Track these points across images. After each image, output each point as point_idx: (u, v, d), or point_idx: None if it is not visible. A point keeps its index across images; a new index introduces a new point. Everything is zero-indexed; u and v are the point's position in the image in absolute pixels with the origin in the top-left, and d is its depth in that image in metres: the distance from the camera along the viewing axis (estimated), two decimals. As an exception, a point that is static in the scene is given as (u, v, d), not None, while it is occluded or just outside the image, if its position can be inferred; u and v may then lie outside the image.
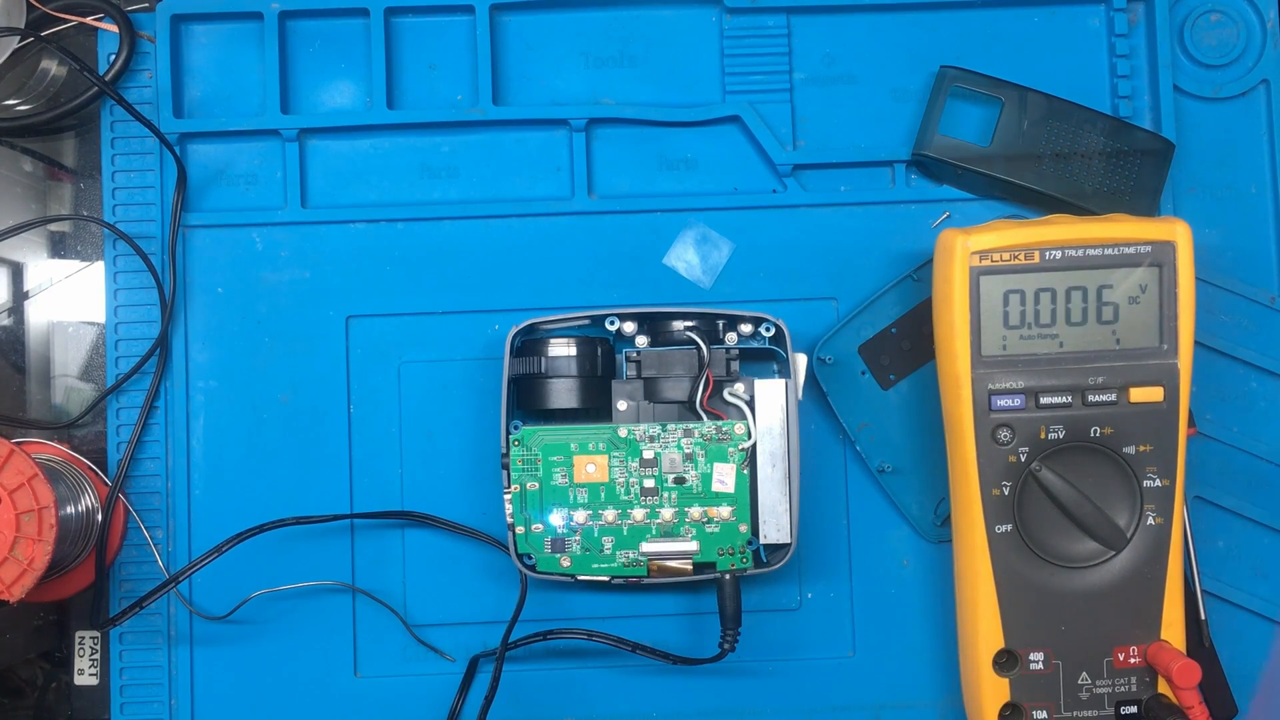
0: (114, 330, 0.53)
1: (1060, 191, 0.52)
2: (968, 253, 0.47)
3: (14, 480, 0.46)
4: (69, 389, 0.54)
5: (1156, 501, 0.48)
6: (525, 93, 0.54)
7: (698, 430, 0.49)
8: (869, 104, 0.54)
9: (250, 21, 0.53)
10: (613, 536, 0.49)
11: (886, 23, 0.54)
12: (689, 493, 0.49)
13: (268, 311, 0.53)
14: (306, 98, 0.54)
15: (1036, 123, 0.52)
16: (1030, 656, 0.48)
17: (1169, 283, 0.47)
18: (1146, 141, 0.52)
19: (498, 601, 0.52)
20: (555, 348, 0.49)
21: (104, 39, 0.54)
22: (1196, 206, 0.54)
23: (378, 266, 0.53)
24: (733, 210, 0.53)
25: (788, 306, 0.53)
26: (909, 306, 0.52)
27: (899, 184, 0.54)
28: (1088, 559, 0.48)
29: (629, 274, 0.53)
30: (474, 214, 0.53)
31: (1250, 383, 0.53)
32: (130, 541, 0.52)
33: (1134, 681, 0.48)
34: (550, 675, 0.52)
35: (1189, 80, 0.54)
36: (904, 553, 0.53)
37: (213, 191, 0.54)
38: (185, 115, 0.53)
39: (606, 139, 0.54)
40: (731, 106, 0.53)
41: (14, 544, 0.45)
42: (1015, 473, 0.48)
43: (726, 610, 0.48)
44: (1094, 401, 0.47)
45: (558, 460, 0.49)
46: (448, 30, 0.54)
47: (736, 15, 0.54)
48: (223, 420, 0.53)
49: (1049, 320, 0.47)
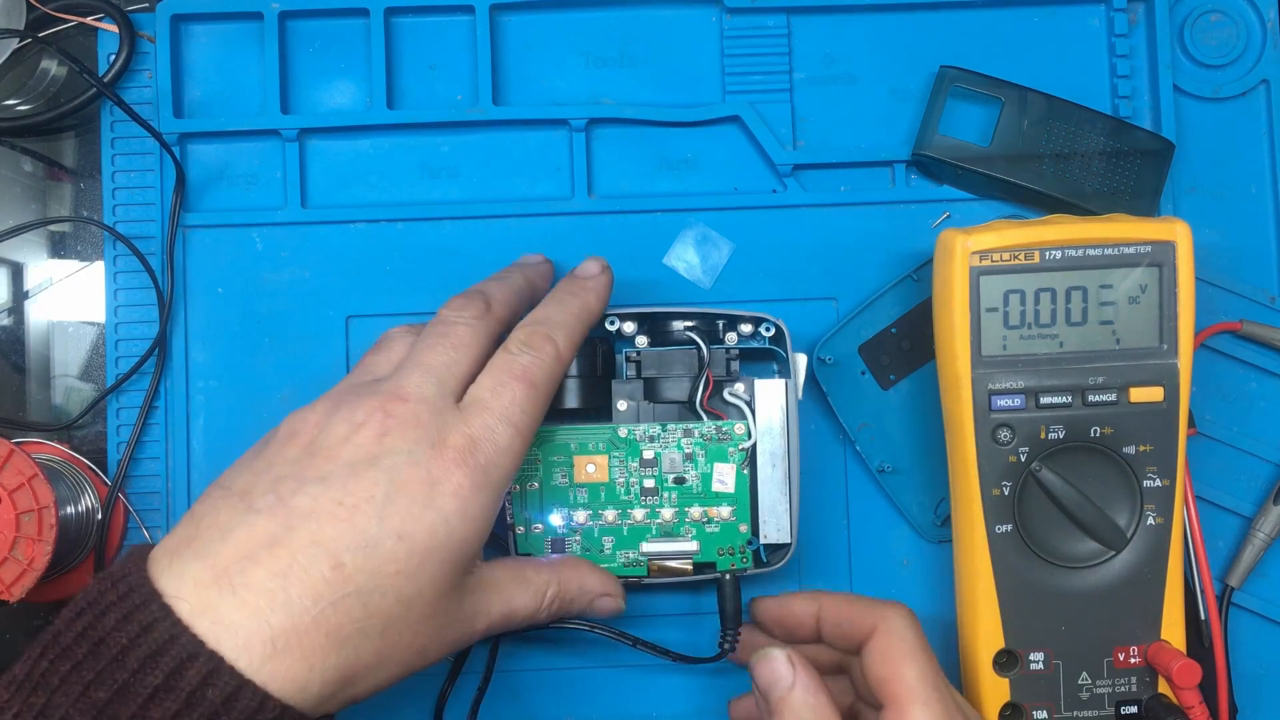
0: (114, 330, 0.53)
1: (1060, 191, 0.52)
2: (968, 253, 0.47)
3: (14, 480, 0.46)
4: (69, 389, 0.54)
5: (1156, 501, 0.48)
6: (525, 93, 0.54)
7: (698, 430, 0.49)
8: (869, 104, 0.54)
9: (250, 21, 0.53)
10: (613, 536, 0.49)
11: (886, 23, 0.54)
12: (689, 493, 0.49)
13: (268, 311, 0.53)
14: (306, 98, 0.54)
15: (1036, 123, 0.52)
16: (1030, 656, 0.48)
17: (1169, 283, 0.47)
18: (1146, 141, 0.52)
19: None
20: (555, 348, 0.49)
21: (104, 39, 0.54)
22: (1196, 206, 0.54)
23: (378, 266, 0.53)
24: (733, 210, 0.53)
25: (788, 306, 0.53)
26: (909, 306, 0.52)
27: (899, 184, 0.54)
28: (1088, 559, 0.48)
29: (629, 274, 0.53)
30: (474, 214, 0.53)
31: (1250, 383, 0.53)
32: (130, 541, 0.52)
33: (1134, 681, 0.48)
34: (550, 674, 0.52)
35: (1189, 80, 0.54)
36: (904, 553, 0.53)
37: (213, 191, 0.54)
38: (185, 115, 0.53)
39: (606, 139, 0.54)
40: (731, 106, 0.53)
41: (14, 544, 0.45)
42: (1015, 473, 0.48)
43: (726, 610, 0.48)
44: (1094, 401, 0.47)
45: (558, 460, 0.49)
46: (448, 30, 0.54)
47: (736, 15, 0.54)
48: (223, 420, 0.53)
49: (1049, 320, 0.47)
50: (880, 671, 0.42)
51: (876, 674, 0.43)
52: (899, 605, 0.44)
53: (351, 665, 0.37)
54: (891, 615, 0.44)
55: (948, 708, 0.41)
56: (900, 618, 0.43)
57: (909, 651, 0.42)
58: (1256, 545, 0.52)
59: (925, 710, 0.41)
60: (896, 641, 0.43)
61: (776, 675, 0.42)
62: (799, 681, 0.42)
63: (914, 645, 0.43)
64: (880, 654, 0.43)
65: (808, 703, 0.41)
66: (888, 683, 0.42)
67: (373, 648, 0.37)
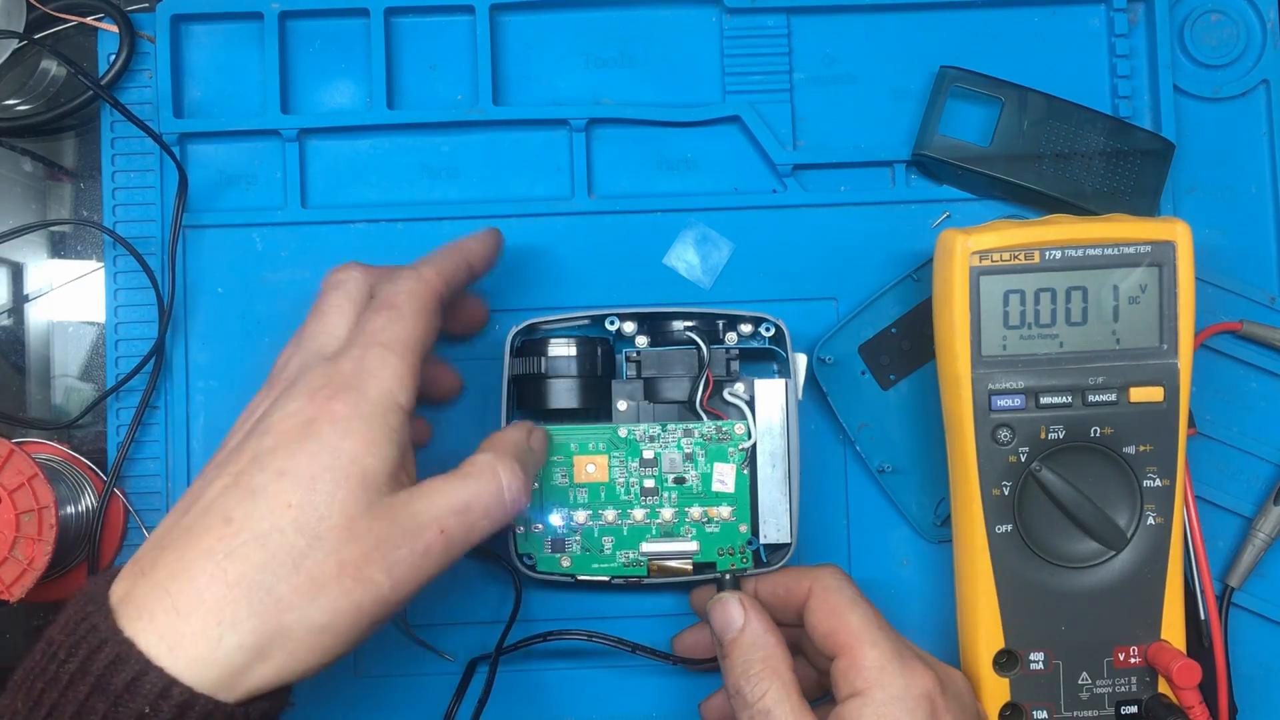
0: (114, 330, 0.53)
1: (1060, 191, 0.52)
2: (968, 253, 0.47)
3: (14, 480, 0.46)
4: (69, 389, 0.54)
5: (1156, 501, 0.48)
6: (525, 93, 0.54)
7: (698, 430, 0.49)
8: (869, 104, 0.54)
9: (250, 21, 0.53)
10: (613, 536, 0.49)
11: (886, 23, 0.54)
12: (689, 493, 0.49)
13: (268, 311, 0.53)
14: (306, 98, 0.54)
15: (1036, 123, 0.52)
16: (1030, 656, 0.48)
17: (1169, 283, 0.47)
18: (1146, 141, 0.52)
19: (498, 601, 0.52)
20: (555, 348, 0.49)
21: (104, 39, 0.54)
22: (1196, 206, 0.54)
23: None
24: (733, 210, 0.53)
25: (788, 306, 0.53)
26: (909, 306, 0.52)
27: (899, 184, 0.54)
28: (1088, 559, 0.48)
29: (629, 274, 0.53)
30: (474, 214, 0.53)
31: (1250, 383, 0.53)
32: (130, 541, 0.52)
33: (1134, 681, 0.48)
34: (550, 675, 0.52)
35: (1189, 80, 0.54)
36: (904, 553, 0.53)
37: (212, 191, 0.54)
38: (185, 115, 0.53)
39: (606, 139, 0.54)
40: (731, 106, 0.53)
41: (14, 544, 0.45)
42: (1015, 473, 0.48)
43: (726, 610, 0.48)
44: (1094, 401, 0.47)
45: (558, 460, 0.49)
46: (448, 30, 0.54)
47: (736, 15, 0.54)
48: (223, 420, 0.52)
49: (1049, 320, 0.47)
50: (824, 625, 0.44)
51: (821, 629, 0.44)
52: (830, 565, 0.46)
53: (271, 610, 0.36)
54: (823, 574, 0.45)
55: (895, 644, 0.43)
56: (832, 575, 0.45)
57: (848, 601, 0.44)
58: (1256, 545, 0.52)
59: (874, 649, 0.42)
60: (834, 595, 0.44)
61: (729, 618, 0.44)
62: (749, 623, 0.43)
63: (851, 596, 0.44)
64: (821, 610, 0.44)
65: (757, 643, 0.43)
66: (834, 634, 0.43)
67: (289, 584, 0.36)
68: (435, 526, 0.39)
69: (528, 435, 0.45)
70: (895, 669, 0.42)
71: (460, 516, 0.40)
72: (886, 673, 0.42)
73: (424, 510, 0.39)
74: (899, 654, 0.42)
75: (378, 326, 0.41)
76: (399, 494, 0.39)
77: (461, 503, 0.40)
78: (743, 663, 0.43)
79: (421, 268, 0.44)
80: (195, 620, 0.35)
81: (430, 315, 0.43)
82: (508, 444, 0.43)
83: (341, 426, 0.38)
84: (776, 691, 0.42)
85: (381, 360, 0.40)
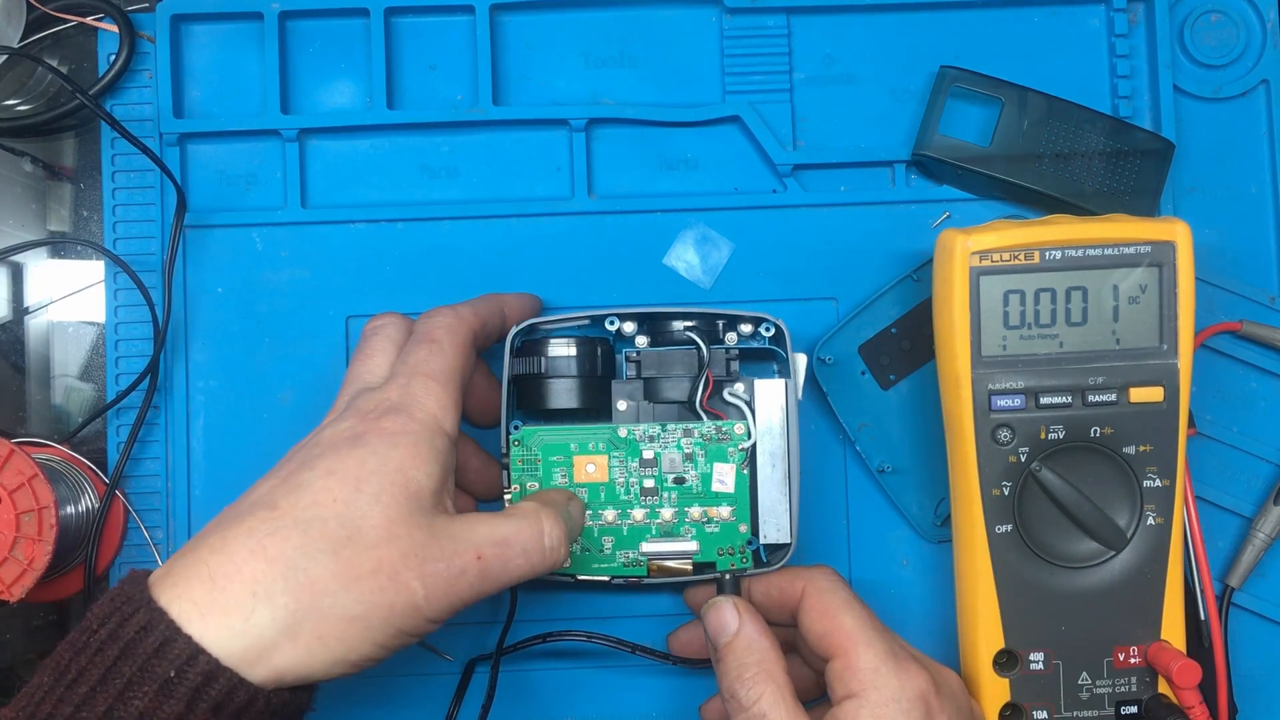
0: (114, 347, 0.53)
1: (1060, 191, 0.52)
2: (968, 253, 0.47)
3: (14, 480, 0.46)
4: (69, 389, 0.54)
5: (1156, 501, 0.48)
6: (525, 93, 0.54)
7: (698, 430, 0.49)
8: (869, 104, 0.54)
9: (250, 21, 0.53)
10: (612, 536, 0.49)
11: (886, 23, 0.54)
12: (689, 493, 0.49)
13: (268, 311, 0.53)
14: (306, 98, 0.54)
15: (1036, 123, 0.52)
16: (1030, 656, 0.48)
17: (1169, 283, 0.47)
18: (1146, 141, 0.52)
19: (499, 602, 0.52)
20: (555, 348, 0.49)
21: (104, 39, 0.54)
22: (1196, 206, 0.54)
23: (378, 266, 0.53)
24: (733, 210, 0.53)
25: (788, 306, 0.53)
26: (909, 306, 0.52)
27: (899, 184, 0.54)
28: (1088, 559, 0.48)
29: (629, 274, 0.53)
30: (474, 214, 0.53)
31: (1250, 383, 0.53)
32: (130, 541, 0.52)
33: (1134, 681, 0.48)
34: (550, 675, 0.52)
35: (1189, 80, 0.54)
36: (904, 553, 0.53)
37: (212, 192, 0.54)
38: (185, 115, 0.54)
39: (606, 139, 0.54)
40: (731, 106, 0.53)
41: (14, 544, 0.46)
42: (1015, 473, 0.48)
43: (726, 610, 0.48)
44: (1094, 401, 0.47)
45: (558, 460, 0.49)
46: (448, 30, 0.54)
47: (736, 15, 0.54)
48: (223, 420, 0.53)
49: (1049, 320, 0.47)
50: (819, 627, 0.44)
51: (815, 630, 0.44)
52: (822, 566, 0.47)
53: (306, 589, 0.37)
54: (816, 575, 0.46)
55: (890, 645, 0.43)
56: (825, 576, 0.46)
57: (842, 603, 0.44)
58: (1256, 545, 0.52)
59: (869, 651, 0.42)
60: (828, 596, 0.45)
61: (723, 622, 0.44)
62: (743, 628, 0.44)
63: (845, 597, 0.45)
64: (815, 611, 0.44)
65: (751, 647, 0.43)
66: (828, 635, 0.44)
67: (326, 569, 0.37)
68: (473, 551, 0.40)
69: (568, 500, 0.46)
70: (890, 670, 0.42)
71: (499, 549, 0.41)
72: (881, 674, 0.42)
73: (463, 534, 0.40)
74: (893, 655, 0.42)
75: (419, 359, 0.43)
76: (440, 515, 0.40)
77: (501, 536, 0.41)
78: (737, 667, 0.43)
79: (459, 306, 0.47)
80: (230, 589, 0.36)
81: (468, 349, 0.45)
82: (550, 499, 0.45)
83: (389, 439, 0.40)
84: (771, 695, 0.42)
85: (425, 389, 0.42)
